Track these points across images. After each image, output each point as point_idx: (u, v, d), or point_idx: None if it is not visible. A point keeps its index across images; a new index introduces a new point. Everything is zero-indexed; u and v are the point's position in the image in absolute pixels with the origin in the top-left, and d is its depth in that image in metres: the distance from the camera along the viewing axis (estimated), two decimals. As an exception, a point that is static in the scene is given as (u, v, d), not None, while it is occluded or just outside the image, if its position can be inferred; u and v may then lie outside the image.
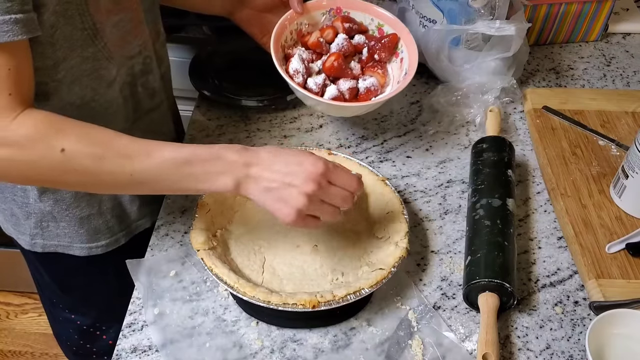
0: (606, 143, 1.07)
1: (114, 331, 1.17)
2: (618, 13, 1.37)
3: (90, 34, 0.80)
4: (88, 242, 1.00)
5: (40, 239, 0.99)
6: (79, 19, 0.78)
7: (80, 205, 0.95)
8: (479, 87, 1.12)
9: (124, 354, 0.81)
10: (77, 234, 0.98)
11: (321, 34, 1.01)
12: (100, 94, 0.87)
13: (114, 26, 0.84)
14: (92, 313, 1.15)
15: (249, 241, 0.89)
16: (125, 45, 0.88)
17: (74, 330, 1.18)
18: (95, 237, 1.00)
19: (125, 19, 0.85)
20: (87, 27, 0.79)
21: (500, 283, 0.81)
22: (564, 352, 0.81)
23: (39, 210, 0.95)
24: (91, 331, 1.17)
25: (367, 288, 0.79)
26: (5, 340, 1.96)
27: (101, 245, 1.01)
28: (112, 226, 1.00)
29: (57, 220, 0.96)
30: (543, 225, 0.97)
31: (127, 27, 0.86)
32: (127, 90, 0.92)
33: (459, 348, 0.81)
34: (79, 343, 1.20)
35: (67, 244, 1.00)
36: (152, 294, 0.86)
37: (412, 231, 0.91)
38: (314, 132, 1.11)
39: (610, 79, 1.24)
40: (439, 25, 1.11)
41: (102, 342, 1.19)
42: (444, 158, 1.07)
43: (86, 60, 0.82)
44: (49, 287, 1.13)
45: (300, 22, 1.01)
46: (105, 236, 1.01)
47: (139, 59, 0.92)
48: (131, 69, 0.91)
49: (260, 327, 0.83)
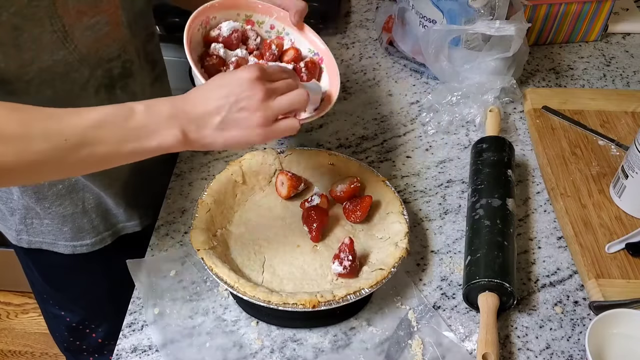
0: (606, 143, 1.07)
1: (102, 330, 1.17)
2: (618, 13, 1.37)
3: (60, 36, 0.79)
4: (72, 240, 1.00)
5: (25, 235, 0.99)
6: (48, 21, 0.76)
7: (63, 204, 0.95)
8: (478, 87, 1.12)
9: (124, 354, 0.81)
10: (61, 231, 0.98)
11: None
12: (73, 96, 0.85)
13: (87, 29, 0.82)
14: (80, 310, 1.15)
15: (249, 241, 0.89)
16: (102, 47, 0.86)
17: (64, 326, 1.18)
18: (79, 235, 1.00)
19: (101, 21, 0.83)
20: (57, 29, 0.78)
21: (500, 283, 0.81)
22: (564, 352, 0.81)
23: (22, 206, 0.95)
24: (80, 328, 1.17)
25: (367, 288, 0.79)
26: (5, 340, 1.96)
27: (86, 244, 1.01)
28: (97, 225, 1.00)
29: (40, 217, 0.96)
30: (543, 225, 0.97)
31: (104, 30, 0.84)
32: (103, 94, 0.89)
33: (459, 348, 0.81)
34: (68, 340, 1.21)
35: (52, 241, 1.00)
36: (152, 293, 0.86)
37: (412, 231, 0.91)
38: (314, 132, 1.11)
39: (610, 79, 1.24)
40: (438, 25, 1.11)
41: (91, 339, 1.19)
42: (443, 158, 1.07)
43: (57, 63, 0.81)
44: (39, 283, 1.13)
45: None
46: (90, 235, 1.01)
47: (118, 63, 0.90)
48: (109, 72, 0.89)
49: (260, 327, 0.83)
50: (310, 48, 0.93)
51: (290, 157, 0.97)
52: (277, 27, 0.93)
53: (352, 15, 1.40)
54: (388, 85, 1.22)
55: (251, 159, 0.96)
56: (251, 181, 0.95)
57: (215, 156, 1.06)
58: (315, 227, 0.88)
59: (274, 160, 0.96)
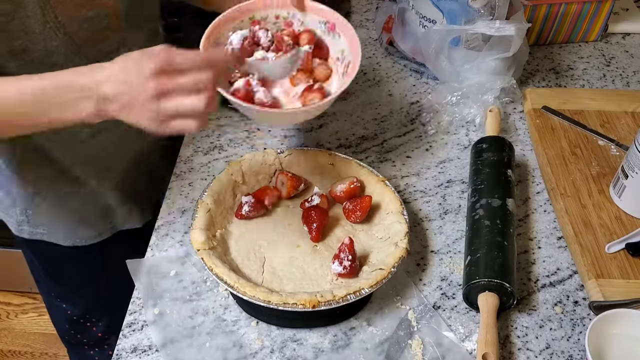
0: (606, 143, 1.07)
1: (103, 324, 1.18)
2: (618, 13, 1.37)
3: (52, 27, 0.79)
4: (72, 232, 1.01)
5: (26, 225, 1.00)
6: (40, 11, 0.77)
7: (62, 196, 0.96)
8: (478, 87, 1.12)
9: (124, 354, 0.81)
10: (60, 223, 0.99)
11: None
12: None
13: (85, 21, 0.82)
14: (81, 303, 1.16)
15: (249, 241, 0.89)
16: (102, 40, 0.86)
17: (65, 319, 1.19)
18: (79, 227, 1.00)
19: (100, 14, 0.84)
20: (50, 19, 0.78)
21: (500, 283, 0.81)
22: (564, 352, 0.81)
23: (23, 198, 0.96)
24: (81, 322, 1.18)
25: (367, 288, 0.79)
26: (5, 340, 1.96)
27: (85, 237, 1.02)
28: (96, 218, 1.01)
29: (40, 209, 0.97)
30: (543, 225, 0.97)
31: (103, 23, 0.85)
32: None
33: (459, 348, 0.81)
34: (70, 332, 1.21)
35: (52, 233, 1.01)
36: (152, 293, 0.86)
37: (412, 231, 0.91)
38: (314, 132, 1.11)
39: (610, 79, 1.24)
40: (438, 25, 1.11)
41: (92, 333, 1.20)
42: (443, 158, 1.07)
43: (51, 54, 0.81)
44: (40, 274, 1.14)
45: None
46: (90, 228, 1.01)
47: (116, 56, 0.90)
48: None
49: (260, 327, 0.83)
50: (320, 19, 0.91)
51: (290, 157, 0.97)
52: (281, 15, 0.92)
53: (352, 15, 1.40)
54: (388, 85, 1.22)
55: (251, 159, 0.96)
56: (251, 181, 0.95)
57: (215, 156, 1.06)
58: (315, 227, 0.88)
59: (274, 160, 0.97)
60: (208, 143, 1.08)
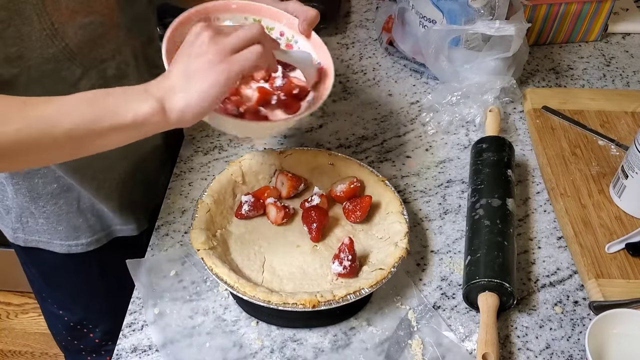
0: (606, 143, 1.07)
1: (100, 330, 1.17)
2: (618, 13, 1.37)
3: (49, 33, 0.78)
4: (67, 240, 1.00)
5: (21, 233, 1.00)
6: (36, 18, 0.76)
7: (57, 203, 0.95)
8: (478, 87, 1.12)
9: (124, 354, 0.81)
10: (56, 230, 0.98)
11: None
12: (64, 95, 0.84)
13: (80, 28, 0.81)
14: (78, 310, 1.15)
15: (249, 241, 0.89)
16: (96, 48, 0.85)
17: (61, 325, 1.18)
18: (74, 235, 1.00)
19: (95, 21, 0.83)
20: (46, 27, 0.77)
21: (500, 283, 0.81)
22: (564, 352, 0.81)
23: (17, 205, 0.95)
24: (78, 328, 1.17)
25: (367, 288, 0.79)
26: (5, 340, 1.96)
27: (81, 244, 1.01)
28: (92, 225, 1.00)
29: (35, 216, 0.97)
30: (543, 225, 0.97)
31: (98, 30, 0.84)
32: None
33: (459, 348, 0.81)
34: (66, 339, 1.21)
35: (47, 240, 1.00)
36: (152, 293, 0.86)
37: (412, 231, 0.91)
38: (314, 132, 1.11)
39: (610, 79, 1.24)
40: (438, 25, 1.11)
41: (89, 339, 1.19)
42: (443, 158, 1.07)
43: (47, 61, 0.80)
44: (37, 281, 1.13)
45: None
46: (86, 235, 1.01)
47: (112, 64, 0.89)
48: (103, 72, 0.88)
49: (260, 326, 0.83)
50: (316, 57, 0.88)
51: (290, 157, 0.97)
52: (286, 34, 0.89)
53: (352, 15, 1.40)
54: (388, 85, 1.22)
55: (251, 159, 0.96)
56: (251, 181, 0.95)
57: (215, 156, 1.06)
58: (315, 227, 0.88)
59: (274, 160, 0.97)
60: (208, 143, 1.08)
